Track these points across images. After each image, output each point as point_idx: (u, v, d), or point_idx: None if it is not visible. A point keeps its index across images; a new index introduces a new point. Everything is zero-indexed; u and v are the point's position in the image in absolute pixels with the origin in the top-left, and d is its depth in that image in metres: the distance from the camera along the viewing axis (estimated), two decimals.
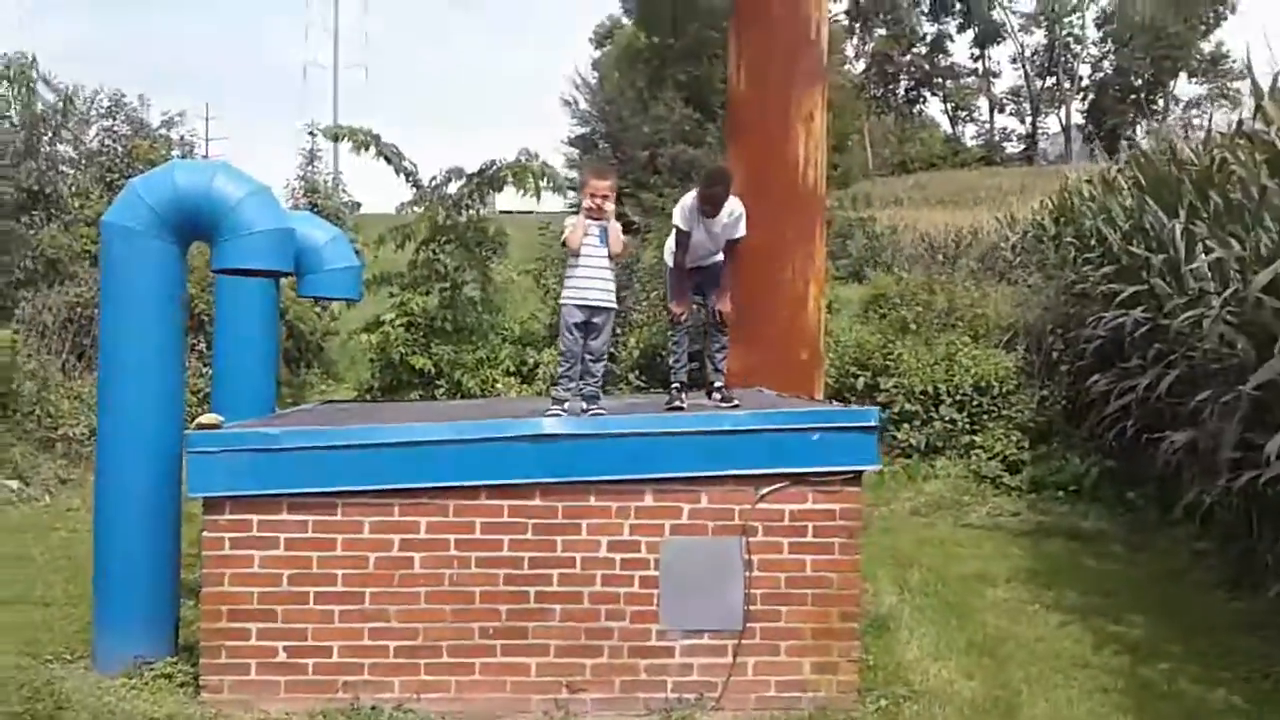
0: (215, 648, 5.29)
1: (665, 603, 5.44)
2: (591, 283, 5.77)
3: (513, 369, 13.30)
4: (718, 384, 6.40)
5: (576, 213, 5.90)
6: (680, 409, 6.02)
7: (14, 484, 9.93)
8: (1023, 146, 64.54)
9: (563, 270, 6.05)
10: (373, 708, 5.22)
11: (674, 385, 6.34)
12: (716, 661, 5.44)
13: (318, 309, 17.66)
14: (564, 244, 5.90)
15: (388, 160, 12.54)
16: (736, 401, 6.23)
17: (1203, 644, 6.48)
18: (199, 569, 5.37)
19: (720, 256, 6.41)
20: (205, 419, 5.58)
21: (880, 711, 5.36)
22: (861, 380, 11.93)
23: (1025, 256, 15.14)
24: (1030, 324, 12.26)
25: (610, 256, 5.79)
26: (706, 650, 5.45)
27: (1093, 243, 12.02)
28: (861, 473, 5.54)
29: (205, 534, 5.28)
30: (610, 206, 5.80)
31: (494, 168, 12.39)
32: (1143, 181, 11.31)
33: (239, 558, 5.29)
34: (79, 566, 7.21)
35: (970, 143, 64.75)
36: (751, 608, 5.45)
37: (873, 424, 5.48)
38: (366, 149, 12.43)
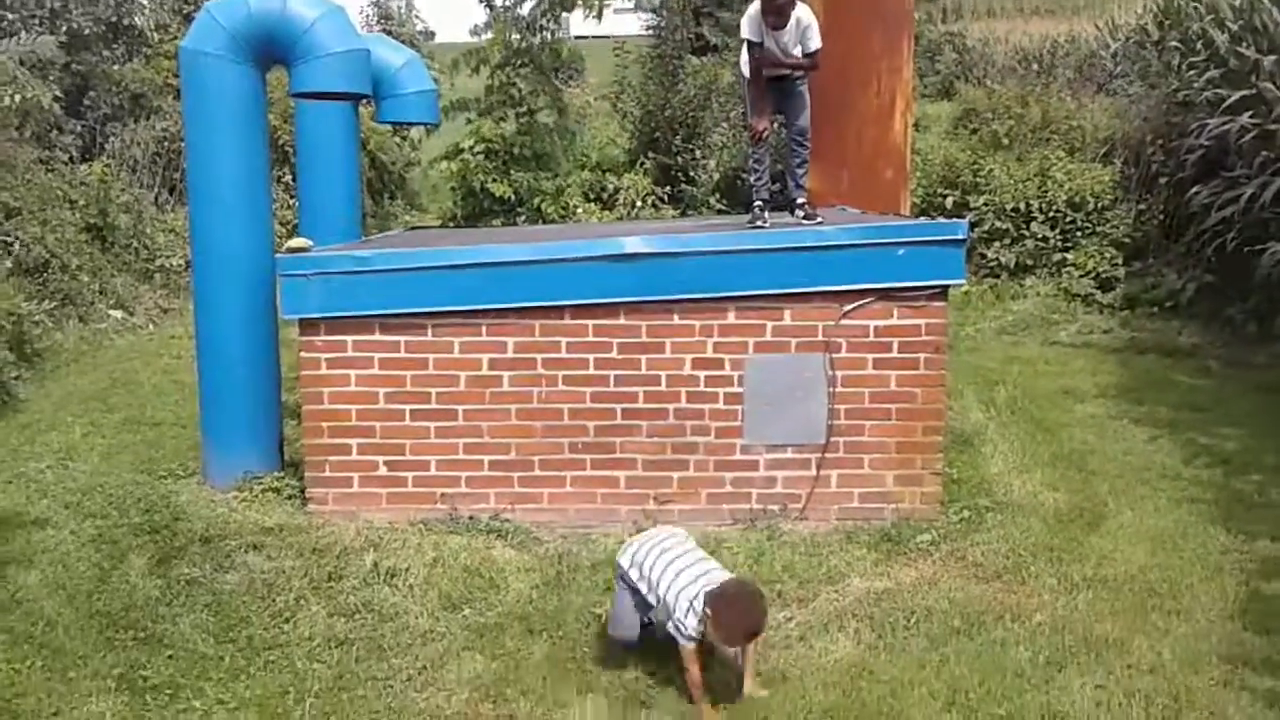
0: (319, 462, 5.53)
1: (749, 418, 5.51)
2: None
3: (592, 195, 13.22)
4: (800, 200, 6.29)
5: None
6: (762, 227, 5.95)
7: (118, 313, 10.29)
8: None
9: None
10: (470, 517, 5.45)
11: (755, 203, 6.25)
12: (800, 474, 5.53)
13: (398, 139, 17.65)
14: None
15: None
16: (820, 218, 6.13)
17: None
18: (299, 390, 5.56)
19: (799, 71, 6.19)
20: (294, 242, 5.68)
21: (963, 521, 5.43)
22: (950, 199, 11.61)
23: (1126, 65, 14.34)
24: (1129, 135, 11.71)
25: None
26: (790, 464, 5.54)
27: (1199, 46, 11.32)
28: (948, 288, 5.46)
29: (302, 354, 5.45)
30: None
31: None
32: None
33: (336, 377, 5.46)
34: (185, 390, 7.52)
35: None
36: (835, 422, 5.50)
37: (960, 237, 5.36)
38: None
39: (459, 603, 4.68)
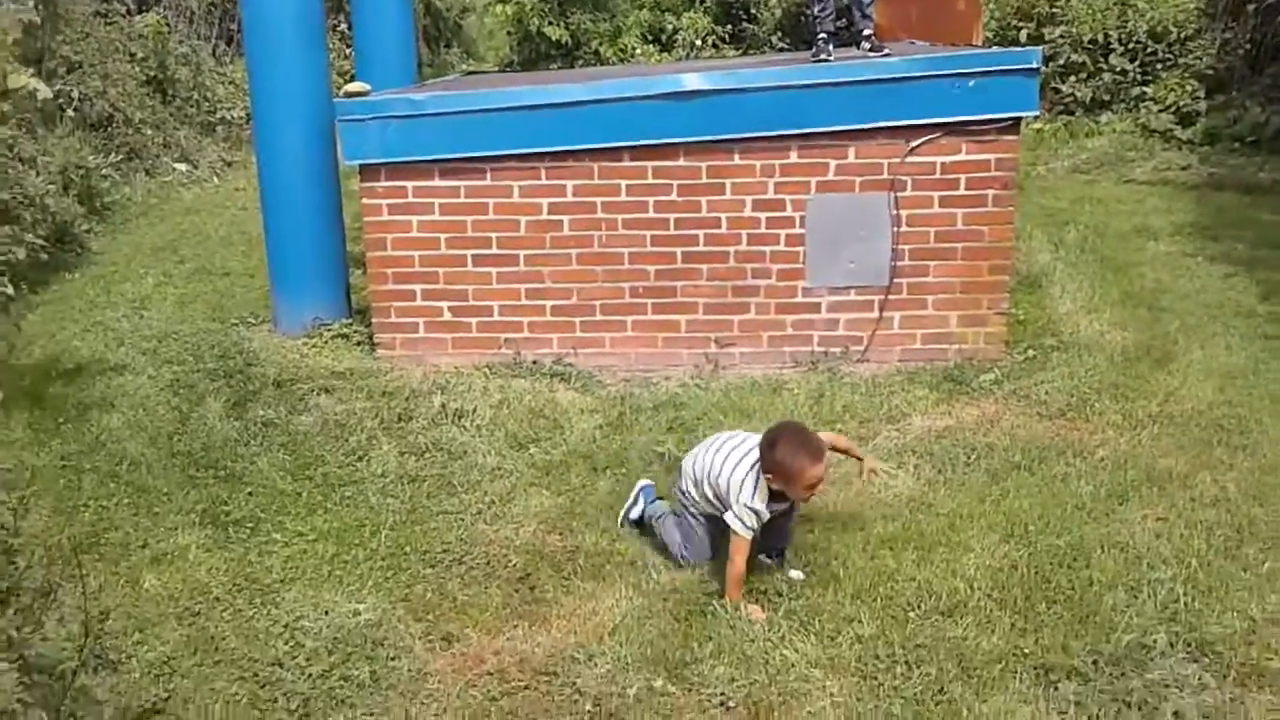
0: (385, 308, 5.61)
1: (811, 261, 5.46)
2: None
3: (650, 37, 12.90)
4: (866, 31, 6.05)
5: None
6: (826, 61, 5.76)
7: (183, 166, 10.39)
8: None
9: None
10: (534, 361, 5.52)
11: (820, 36, 6.04)
12: (862, 316, 5.50)
13: None
14: None
15: None
16: (887, 50, 5.92)
17: None
18: (363, 237, 5.60)
19: None
20: (352, 87, 5.63)
21: (1027, 361, 5.38)
22: (1024, 31, 11.17)
23: None
24: None
25: None
26: (852, 306, 5.50)
27: None
28: (1020, 120, 5.28)
29: (363, 200, 5.47)
30: None
31: None
32: None
33: (398, 223, 5.48)
34: (251, 241, 7.64)
35: None
36: (899, 263, 5.42)
37: (1034, 65, 5.16)
38: None
39: (525, 442, 4.78)
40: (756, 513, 3.50)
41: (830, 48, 5.98)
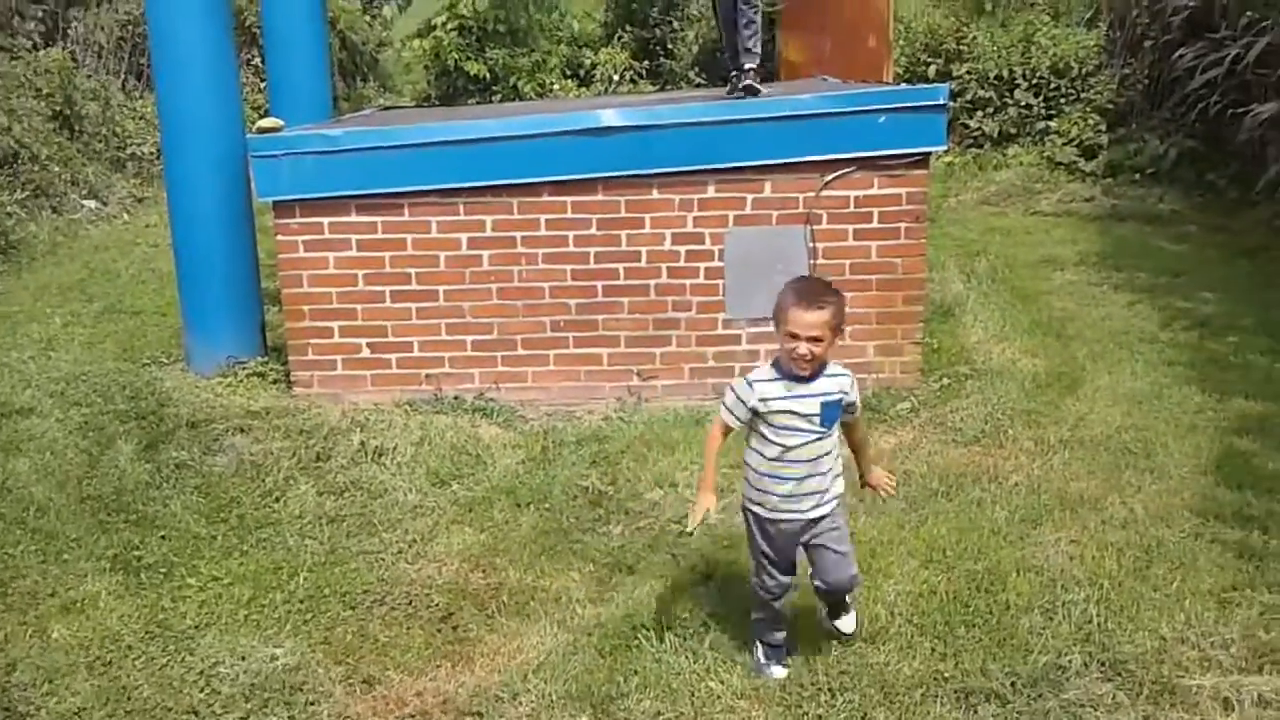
0: (301, 345, 5.53)
1: (730, 293, 5.52)
2: None
3: (569, 72, 12.99)
4: (748, 66, 5.99)
5: None
6: (740, 98, 5.85)
7: (92, 203, 10.15)
8: None
9: None
10: (455, 397, 5.48)
11: (733, 74, 6.13)
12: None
13: (369, 18, 17.22)
14: None
15: None
16: (763, 93, 5.97)
17: (1276, 317, 6.46)
18: (278, 274, 5.52)
19: None
20: (265, 123, 5.57)
21: (942, 389, 5.50)
22: (933, 68, 11.48)
23: None
24: None
25: None
26: (772, 337, 5.51)
27: None
28: (929, 155, 5.42)
29: (279, 237, 5.39)
30: None
31: None
32: None
33: (314, 259, 5.42)
34: (163, 278, 7.48)
35: None
36: None
37: (941, 102, 5.30)
38: None
39: (447, 479, 4.74)
40: (749, 383, 3.27)
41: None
